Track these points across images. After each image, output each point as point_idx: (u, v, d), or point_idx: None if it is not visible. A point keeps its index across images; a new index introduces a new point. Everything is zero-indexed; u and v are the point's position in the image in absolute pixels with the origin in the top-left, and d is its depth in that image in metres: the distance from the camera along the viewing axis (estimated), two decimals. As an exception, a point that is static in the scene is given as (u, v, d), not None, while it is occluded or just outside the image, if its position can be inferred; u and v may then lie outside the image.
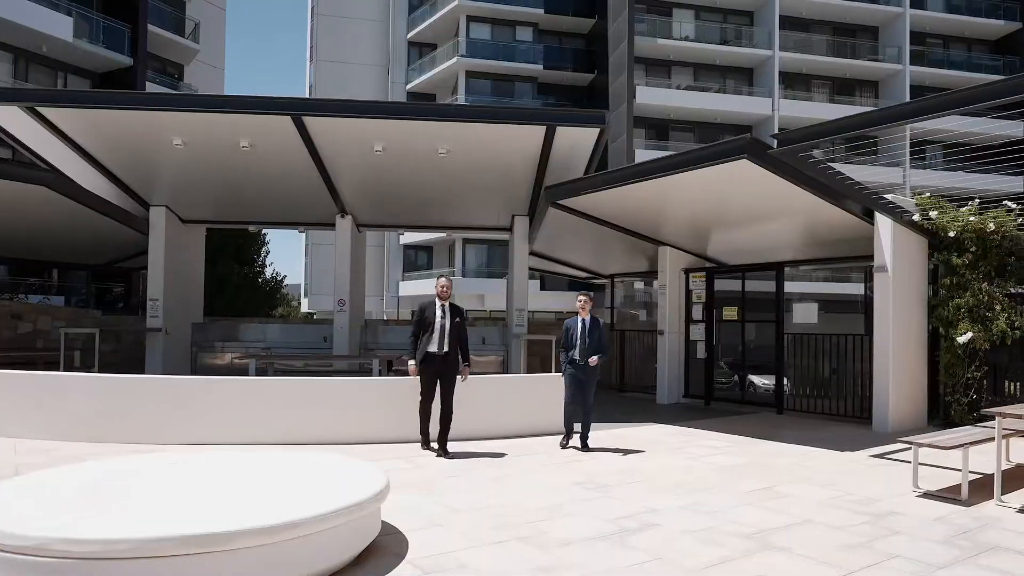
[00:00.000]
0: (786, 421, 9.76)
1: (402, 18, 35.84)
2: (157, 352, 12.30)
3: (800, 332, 10.71)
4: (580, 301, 7.63)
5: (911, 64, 33.06)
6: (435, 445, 7.07)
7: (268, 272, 18.65)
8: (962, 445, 5.41)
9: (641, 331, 13.82)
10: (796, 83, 33.48)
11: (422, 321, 6.97)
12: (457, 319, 7.01)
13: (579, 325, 7.54)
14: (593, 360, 7.39)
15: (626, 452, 7.41)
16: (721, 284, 11.87)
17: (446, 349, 6.90)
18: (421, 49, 35.79)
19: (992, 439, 5.59)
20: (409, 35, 35.51)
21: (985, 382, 8.84)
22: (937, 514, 5.11)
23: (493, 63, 33.32)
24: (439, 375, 6.97)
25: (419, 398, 7.10)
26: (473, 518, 4.86)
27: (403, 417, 7.54)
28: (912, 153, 32.67)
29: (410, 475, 6.18)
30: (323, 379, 8.45)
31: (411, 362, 7.02)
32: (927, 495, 5.63)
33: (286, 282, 21.92)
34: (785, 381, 10.65)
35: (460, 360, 7.06)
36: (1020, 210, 8.96)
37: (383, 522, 4.37)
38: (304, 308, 36.05)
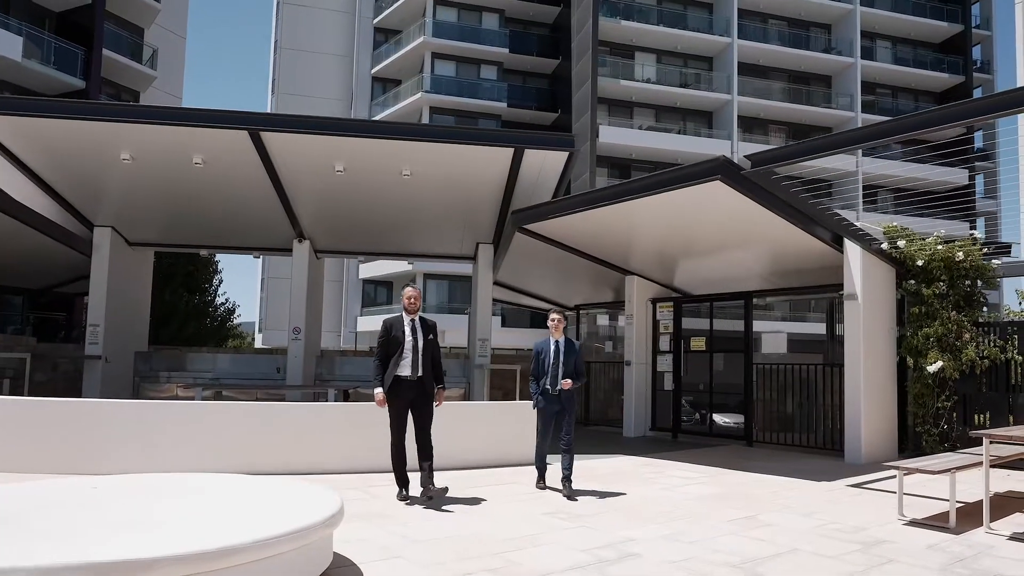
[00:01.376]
0: (757, 453, 9.49)
1: (366, 53, 35.86)
2: (95, 381, 11.50)
3: (769, 363, 10.53)
4: (553, 320, 6.55)
5: (862, 112, 34.24)
6: (415, 493, 5.86)
7: (220, 301, 17.90)
8: (951, 470, 5.17)
9: (606, 363, 13.53)
10: (754, 127, 34.33)
11: (389, 341, 5.84)
12: (430, 336, 5.97)
13: (552, 348, 6.43)
14: (567, 383, 6.28)
15: (598, 482, 7.01)
16: (690, 323, 11.70)
17: (420, 373, 5.79)
18: (385, 84, 35.77)
19: (979, 463, 5.38)
20: (373, 69, 35.50)
21: (955, 413, 8.74)
22: (928, 542, 4.83)
23: (457, 99, 33.43)
24: (413, 405, 5.87)
25: (389, 434, 5.88)
26: (436, 549, 4.40)
27: (360, 445, 7.04)
28: (865, 197, 33.64)
29: (367, 505, 5.68)
30: (270, 404, 7.89)
31: (377, 391, 5.78)
32: (914, 523, 5.36)
33: (240, 319, 21.16)
34: (752, 415, 10.42)
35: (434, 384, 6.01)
36: (985, 240, 8.99)
37: (336, 554, 3.90)
38: (258, 344, 34.95)
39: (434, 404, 6.03)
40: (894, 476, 7.02)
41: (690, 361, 11.41)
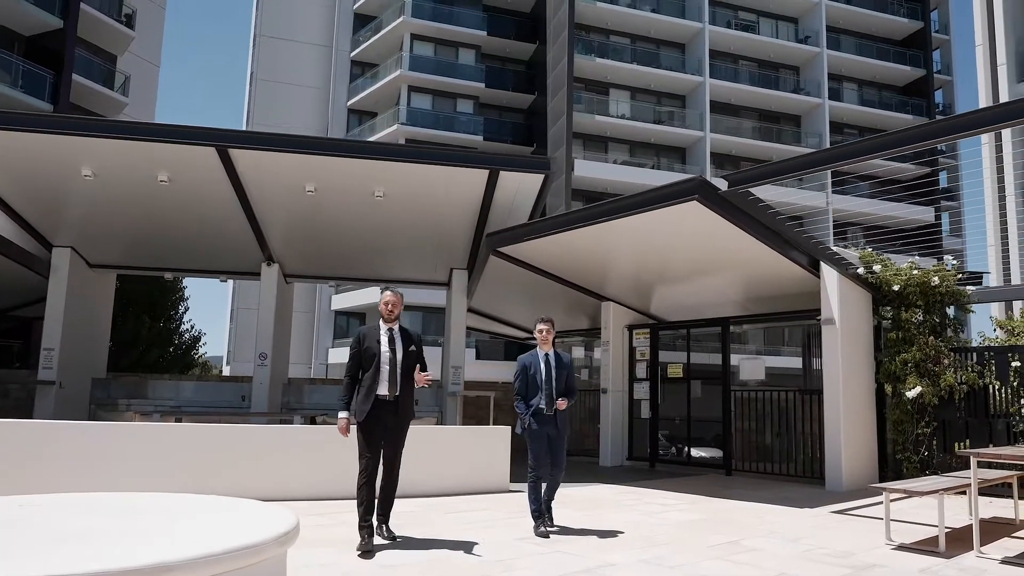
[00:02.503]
0: (736, 481, 9.26)
1: (343, 85, 35.93)
2: (48, 407, 10.95)
3: (747, 389, 10.38)
4: (541, 330, 5.77)
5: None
6: (379, 536, 4.98)
7: (185, 328, 17.34)
8: (939, 491, 4.99)
9: (582, 391, 13.27)
10: (727, 163, 34.86)
11: (362, 353, 5.02)
12: (411, 347, 5.10)
13: (541, 362, 5.67)
14: (561, 404, 5.57)
15: (574, 509, 6.72)
16: (668, 349, 11.55)
17: (398, 392, 4.96)
18: (361, 116, 35.79)
19: (966, 486, 5.21)
20: (350, 102, 35.53)
21: (935, 440, 8.62)
22: (920, 566, 4.62)
23: (433, 132, 33.48)
24: (387, 429, 4.99)
25: (358, 462, 4.96)
26: (404, 575, 4.08)
27: (323, 470, 6.68)
28: (835, 233, 34.16)
29: (332, 531, 5.33)
30: (230, 425, 7.50)
31: (342, 414, 4.92)
32: (903, 547, 5.15)
33: (206, 348, 20.63)
34: (731, 443, 10.22)
35: (413, 402, 5.21)
36: (959, 265, 9.01)
37: (291, 579, 3.56)
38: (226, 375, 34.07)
39: (425, 381, 5.13)
40: (879, 503, 6.85)
41: (667, 389, 11.22)
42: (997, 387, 8.27)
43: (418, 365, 5.15)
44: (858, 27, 37.84)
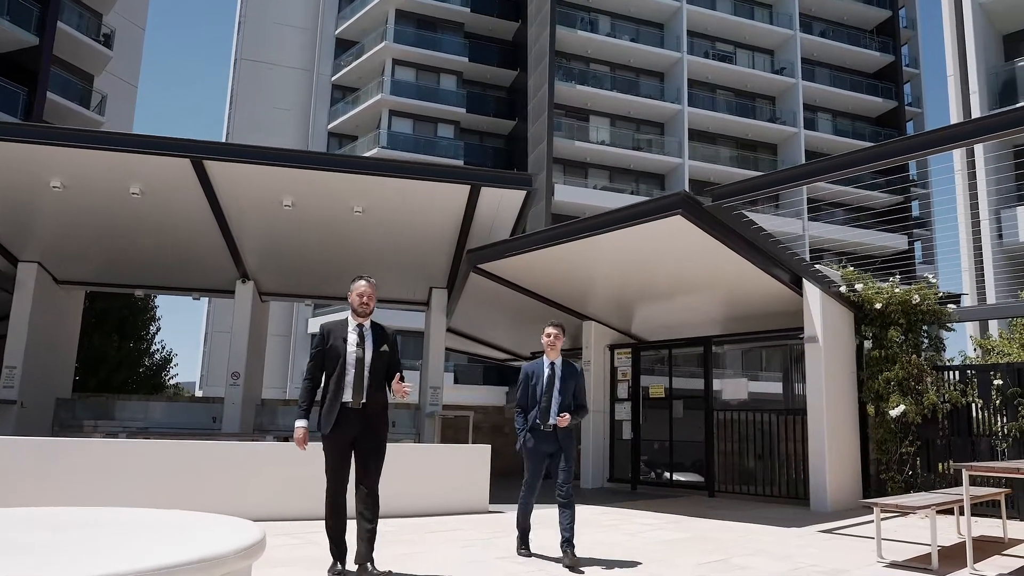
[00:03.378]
0: (720, 503, 9.08)
1: (323, 108, 35.88)
2: (7, 428, 10.48)
3: (729, 409, 10.25)
4: (548, 335, 5.14)
5: (806, 178, 35.52)
6: (352, 567, 4.22)
7: (156, 349, 16.85)
8: (931, 506, 4.87)
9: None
10: (705, 190, 35.23)
11: (326, 352, 4.27)
12: (384, 347, 4.35)
13: (546, 372, 5.06)
14: (564, 418, 4.87)
15: (554, 530, 6.49)
16: (648, 367, 11.43)
17: (365, 398, 4.20)
18: (341, 139, 35.71)
19: (957, 501, 5.09)
20: (330, 125, 35.46)
21: (919, 459, 8.54)
22: (914, 584, 4.48)
23: (415, 156, 33.36)
24: (356, 444, 4.24)
25: (325, 483, 4.26)
26: (375, 595, 3.84)
27: (296, 489, 6.40)
28: (812, 258, 34.52)
29: (302, 550, 5.06)
30: (197, 441, 7.20)
31: (300, 423, 4.21)
32: (895, 565, 5.01)
33: (178, 369, 20.02)
34: (713, 464, 10.06)
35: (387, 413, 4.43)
36: (936, 283, 9.03)
37: (255, 598, 3.31)
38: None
39: (402, 389, 4.29)
40: (866, 522, 6.72)
41: (649, 409, 11.06)
42: (980, 405, 8.23)
43: (397, 372, 4.36)
44: (832, 60, 38.70)
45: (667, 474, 10.67)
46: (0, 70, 22.30)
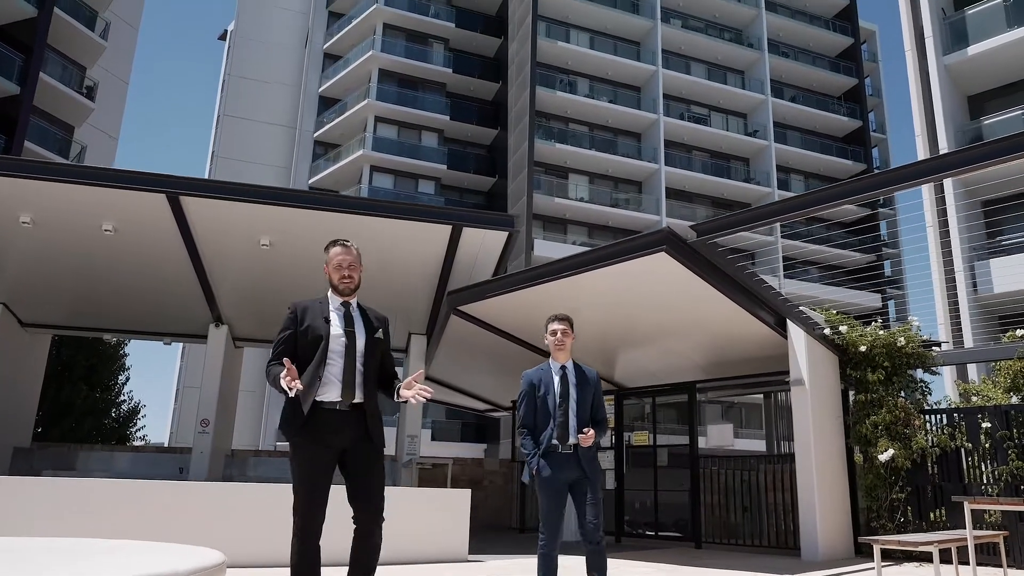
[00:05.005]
0: (707, 553, 8.75)
1: (305, 164, 36.09)
2: (-43, 477, 9.92)
3: (715, 455, 10.02)
4: (555, 333, 4.20)
5: (781, 237, 36.17)
6: None
7: (124, 399, 16.24)
8: (934, 542, 4.66)
9: (544, 465, 12.71)
10: (688, 226, 35.69)
11: (297, 336, 3.28)
12: (378, 333, 3.40)
13: (556, 378, 4.12)
14: (587, 435, 3.93)
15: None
16: (631, 414, 11.22)
17: (358, 397, 3.23)
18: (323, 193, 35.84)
19: (959, 539, 4.90)
20: (311, 180, 35.61)
21: (909, 506, 8.33)
22: (921, 624, 4.23)
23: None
24: (344, 461, 3.24)
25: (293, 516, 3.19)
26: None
27: (265, 533, 6.02)
28: (785, 268, 35.00)
29: (264, 596, 4.69)
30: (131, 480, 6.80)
31: (278, 366, 3.13)
32: (898, 608, 4.76)
33: (150, 436, 19.32)
34: (700, 512, 9.76)
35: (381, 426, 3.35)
36: (920, 326, 9.01)
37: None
38: (165, 459, 32.16)
39: (414, 395, 3.26)
40: (860, 570, 6.47)
41: (633, 457, 10.78)
42: (969, 449, 8.09)
43: (385, 367, 3.43)
44: (803, 123, 39.99)
45: (655, 519, 10.32)
46: (-23, 118, 22.18)
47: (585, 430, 3.96)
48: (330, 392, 3.22)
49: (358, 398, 3.26)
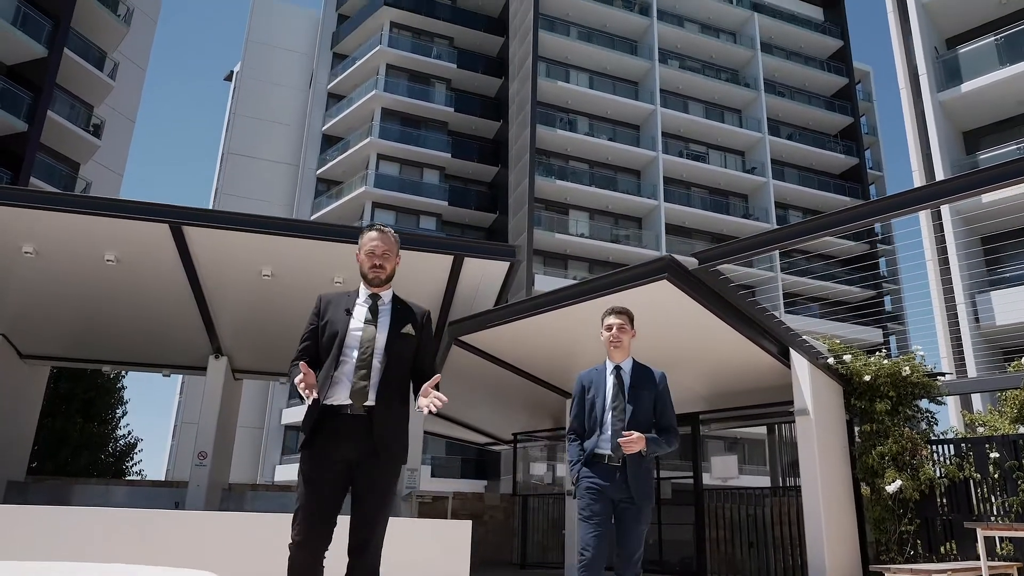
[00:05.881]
0: (714, 590, 8.57)
1: (307, 200, 36.39)
2: (-51, 511, 9.76)
3: (720, 488, 9.87)
4: (610, 328, 3.82)
5: (781, 272, 36.27)
6: None
7: (122, 434, 16.08)
8: (947, 571, 4.56)
9: (543, 495, 12.51)
10: (690, 254, 35.81)
11: (322, 328, 3.01)
12: (407, 328, 3.03)
13: (609, 380, 3.72)
14: (630, 439, 3.38)
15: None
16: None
17: (370, 399, 2.85)
18: (324, 230, 36.06)
19: (974, 570, 4.79)
20: (313, 216, 35.87)
21: (919, 540, 8.17)
22: (936, 654, 4.11)
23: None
24: (354, 474, 2.86)
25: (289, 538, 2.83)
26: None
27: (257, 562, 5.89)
28: (785, 302, 34.85)
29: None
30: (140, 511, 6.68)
31: (297, 377, 2.80)
32: (911, 638, 4.64)
33: (147, 472, 19.08)
34: (704, 546, 9.58)
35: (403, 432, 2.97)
36: (924, 356, 8.96)
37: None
38: (161, 498, 31.68)
39: (430, 403, 2.82)
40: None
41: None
42: (977, 480, 7.97)
43: (431, 374, 2.95)
44: (800, 161, 40.43)
45: (659, 555, 10.12)
46: (-15, 155, 22.45)
47: (626, 433, 3.36)
48: (339, 393, 2.86)
49: (370, 401, 2.83)
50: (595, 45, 37.05)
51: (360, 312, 3.03)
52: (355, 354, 2.91)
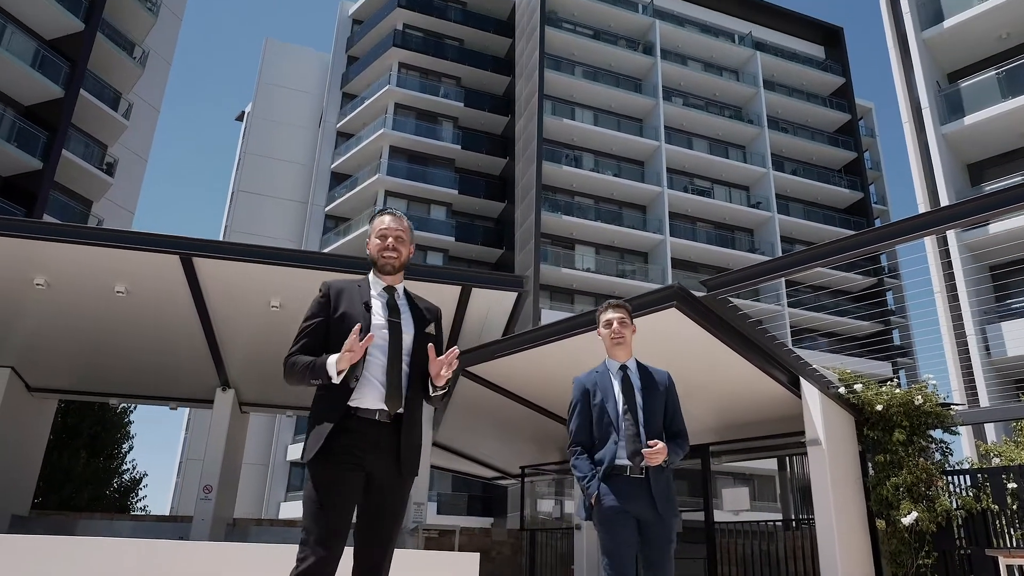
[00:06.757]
0: (728, 626, 8.36)
1: (316, 235, 36.68)
2: (-47, 545, 9.67)
3: (732, 522, 9.71)
4: (609, 323, 3.50)
5: (789, 307, 36.17)
6: None
7: (126, 468, 15.98)
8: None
9: (551, 530, 12.31)
10: (700, 281, 35.71)
11: (330, 324, 2.72)
12: (430, 327, 2.80)
13: (615, 382, 3.38)
14: (656, 450, 3.11)
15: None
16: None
17: (400, 406, 2.61)
18: (331, 266, 36.29)
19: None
20: (322, 250, 36.13)
21: (937, 574, 7.98)
22: None
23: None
24: (370, 488, 2.59)
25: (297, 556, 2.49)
26: None
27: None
28: (793, 337, 34.58)
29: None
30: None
31: (330, 362, 2.54)
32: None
33: (151, 507, 18.94)
34: (720, 584, 9.38)
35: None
36: (936, 384, 8.87)
37: None
38: (164, 536, 31.29)
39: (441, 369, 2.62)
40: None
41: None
42: (996, 511, 7.81)
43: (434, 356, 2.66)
44: (805, 196, 40.64)
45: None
46: (0, 191, 22.79)
47: (651, 442, 3.07)
48: (369, 397, 2.55)
49: (400, 407, 2.58)
50: (600, 83, 37.63)
51: (378, 307, 2.71)
52: (384, 356, 2.60)
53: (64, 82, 24.35)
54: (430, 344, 2.66)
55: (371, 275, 2.85)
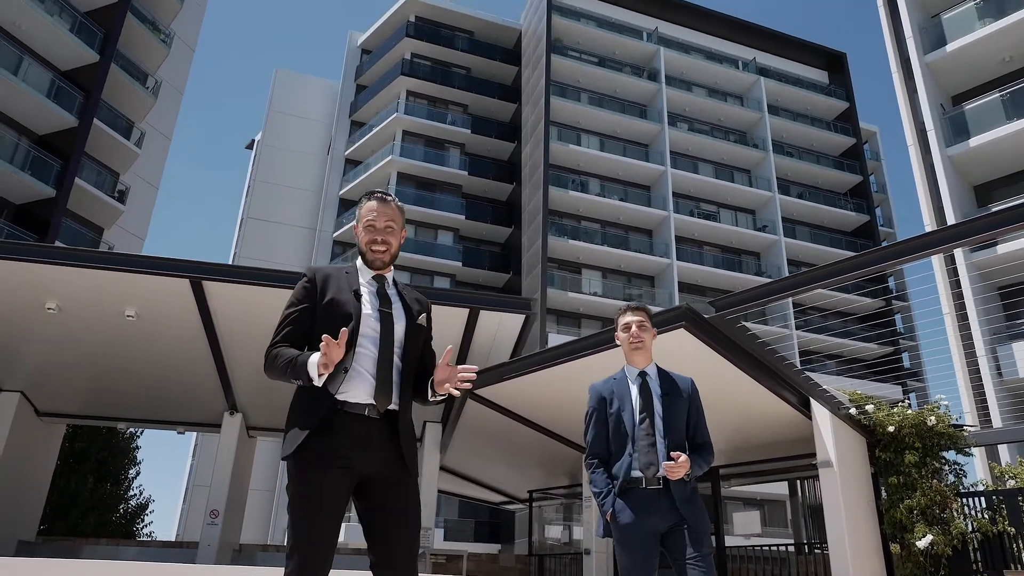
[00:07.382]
0: (742, 653, 8.21)
1: (323, 262, 36.87)
2: (-41, 571, 9.64)
3: (743, 546, 9.58)
4: (628, 327, 3.37)
5: (797, 330, 35.98)
6: None
7: (133, 494, 15.91)
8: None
9: (559, 555, 12.16)
10: (707, 301, 35.55)
11: (316, 311, 2.53)
12: (421, 319, 2.63)
13: (633, 389, 3.20)
14: (678, 463, 2.89)
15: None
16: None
17: (392, 401, 2.39)
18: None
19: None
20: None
21: (954, 599, 7.84)
22: None
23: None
24: (368, 492, 2.36)
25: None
26: None
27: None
28: (801, 360, 34.28)
29: None
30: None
31: (313, 358, 2.30)
32: None
33: (156, 533, 18.82)
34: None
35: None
36: (948, 405, 8.79)
37: None
38: (170, 564, 31.03)
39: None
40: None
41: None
42: (1012, 534, 7.69)
43: (427, 367, 2.58)
44: (811, 219, 40.63)
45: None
46: (15, 219, 23.07)
47: (674, 454, 2.86)
48: (358, 391, 2.34)
49: (394, 403, 2.38)
50: (605, 110, 37.95)
51: (368, 295, 2.52)
52: (375, 348, 2.41)
53: (78, 112, 24.74)
54: (448, 347, 2.49)
55: (358, 262, 2.65)
